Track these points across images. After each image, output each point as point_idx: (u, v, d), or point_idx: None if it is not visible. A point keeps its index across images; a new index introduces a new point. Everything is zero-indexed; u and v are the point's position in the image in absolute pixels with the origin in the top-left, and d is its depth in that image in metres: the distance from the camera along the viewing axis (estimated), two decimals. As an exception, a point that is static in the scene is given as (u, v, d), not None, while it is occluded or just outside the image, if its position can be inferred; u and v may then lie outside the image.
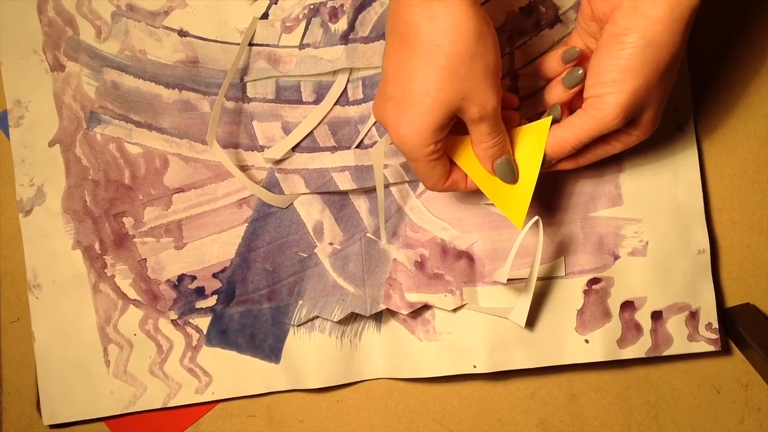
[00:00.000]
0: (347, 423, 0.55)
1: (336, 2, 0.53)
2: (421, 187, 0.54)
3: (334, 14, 0.53)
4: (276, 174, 0.54)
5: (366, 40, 0.53)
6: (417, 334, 0.54)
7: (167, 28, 0.54)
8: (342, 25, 0.53)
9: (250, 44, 0.54)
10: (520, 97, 0.54)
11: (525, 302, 0.51)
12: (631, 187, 0.54)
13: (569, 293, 0.54)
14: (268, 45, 0.54)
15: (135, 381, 0.54)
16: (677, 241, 0.54)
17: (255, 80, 0.54)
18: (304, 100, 0.54)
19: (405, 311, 0.53)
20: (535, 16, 0.54)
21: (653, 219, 0.54)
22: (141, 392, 0.54)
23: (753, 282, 0.55)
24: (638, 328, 0.54)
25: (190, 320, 0.54)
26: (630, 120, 0.44)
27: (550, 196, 0.54)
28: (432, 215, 0.54)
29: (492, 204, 0.53)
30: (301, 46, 0.54)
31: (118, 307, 0.54)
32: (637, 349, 0.53)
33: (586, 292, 0.54)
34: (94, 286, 0.54)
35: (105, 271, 0.54)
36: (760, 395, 0.55)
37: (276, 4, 0.54)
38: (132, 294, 0.54)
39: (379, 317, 0.54)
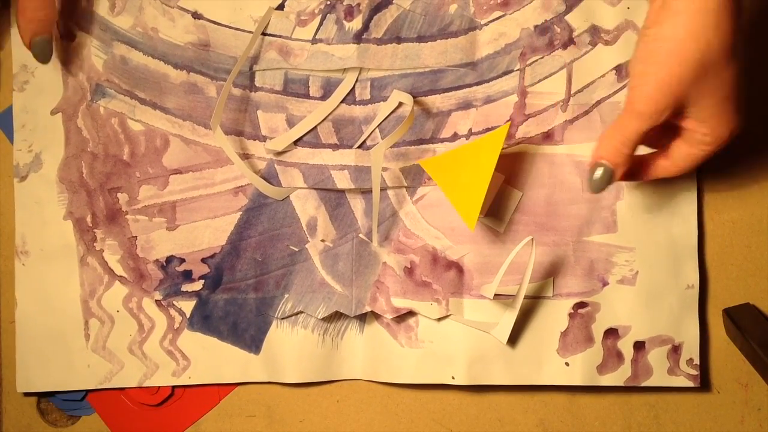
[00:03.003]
0: (347, 423, 0.55)
1: (352, 0, 0.53)
2: (418, 193, 0.54)
3: (350, 12, 0.53)
4: (275, 165, 0.54)
5: (379, 41, 0.53)
6: (399, 339, 0.54)
7: (182, 8, 0.54)
8: (356, 24, 0.53)
9: (263, 34, 0.54)
10: (526, 114, 0.54)
11: (509, 319, 0.51)
12: (627, 216, 0.54)
13: (554, 314, 0.54)
14: (280, 36, 0.54)
15: (113, 357, 0.54)
16: (667, 274, 0.54)
17: (264, 70, 0.54)
18: (311, 94, 0.54)
19: (389, 315, 0.53)
20: (549, 36, 0.54)
21: (646, 249, 0.54)
22: (118, 369, 0.54)
23: (753, 282, 0.55)
24: (619, 356, 0.54)
25: (175, 302, 0.54)
26: (687, 117, 0.45)
27: (545, 216, 0.54)
28: (426, 223, 0.54)
29: (486, 218, 0.53)
30: (314, 41, 0.54)
31: (104, 282, 0.54)
32: (617, 377, 0.53)
33: (571, 315, 0.54)
34: (82, 258, 0.54)
35: (94, 244, 0.54)
36: (760, 395, 0.55)
37: (293, -4, 0.54)
38: (119, 270, 0.54)
39: (362, 319, 0.54)
